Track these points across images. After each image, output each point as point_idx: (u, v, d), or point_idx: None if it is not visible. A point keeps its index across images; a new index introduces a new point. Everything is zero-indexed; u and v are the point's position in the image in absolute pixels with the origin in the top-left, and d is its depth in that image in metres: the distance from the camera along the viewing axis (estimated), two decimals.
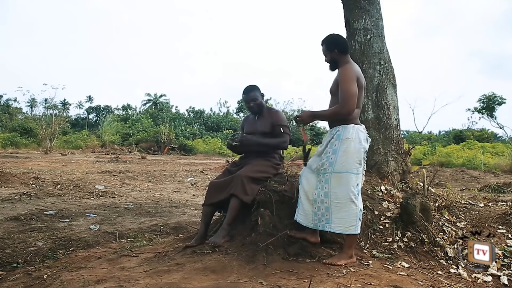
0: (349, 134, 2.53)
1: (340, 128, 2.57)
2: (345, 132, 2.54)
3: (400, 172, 3.77)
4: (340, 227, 2.48)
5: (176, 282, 2.19)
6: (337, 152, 2.52)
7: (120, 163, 15.72)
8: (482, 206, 3.67)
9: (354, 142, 2.52)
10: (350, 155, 2.50)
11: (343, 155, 2.50)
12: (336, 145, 2.54)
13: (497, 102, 26.09)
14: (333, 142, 2.57)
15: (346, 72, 2.57)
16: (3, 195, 6.34)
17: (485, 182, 10.64)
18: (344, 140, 2.52)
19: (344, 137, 2.53)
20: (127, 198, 7.14)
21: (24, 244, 3.69)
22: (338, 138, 2.55)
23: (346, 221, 2.46)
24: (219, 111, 49.52)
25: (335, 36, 2.72)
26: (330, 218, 2.50)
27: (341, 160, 2.49)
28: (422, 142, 28.88)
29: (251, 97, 3.19)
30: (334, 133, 2.59)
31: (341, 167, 2.49)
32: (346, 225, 2.46)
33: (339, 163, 2.49)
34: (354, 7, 3.99)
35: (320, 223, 2.56)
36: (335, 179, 2.50)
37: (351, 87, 2.52)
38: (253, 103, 3.19)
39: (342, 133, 2.54)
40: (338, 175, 2.49)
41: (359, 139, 2.55)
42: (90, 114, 57.06)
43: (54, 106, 29.62)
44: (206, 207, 3.05)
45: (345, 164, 2.49)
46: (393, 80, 3.96)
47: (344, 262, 2.42)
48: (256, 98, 3.19)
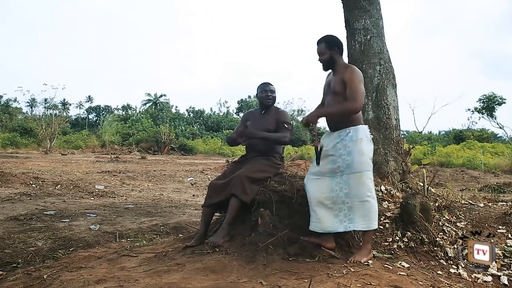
0: (360, 134, 2.59)
1: (351, 129, 2.61)
2: (356, 133, 2.59)
3: (400, 172, 3.78)
4: (364, 224, 2.54)
5: (176, 282, 2.19)
6: (352, 153, 2.56)
7: (120, 163, 15.72)
8: (482, 206, 3.67)
9: (364, 141, 2.59)
10: (365, 154, 2.57)
11: (359, 155, 2.55)
12: (350, 146, 2.58)
13: (497, 102, 26.09)
14: (346, 144, 2.60)
15: (356, 74, 2.63)
16: (3, 195, 6.34)
17: (485, 182, 10.64)
18: (357, 140, 2.58)
19: (356, 138, 2.58)
20: (127, 198, 7.14)
21: (24, 244, 3.69)
22: (351, 140, 2.59)
23: (369, 217, 2.53)
24: (219, 111, 49.53)
25: (334, 36, 2.78)
26: (354, 217, 2.56)
27: (358, 160, 2.55)
28: (422, 142, 28.89)
29: (270, 88, 3.29)
30: (344, 135, 2.62)
31: (359, 166, 2.54)
32: (369, 221, 2.53)
33: (357, 163, 2.54)
34: (354, 7, 3.99)
35: (342, 224, 2.59)
36: (355, 179, 2.55)
37: (361, 86, 2.60)
38: (271, 94, 3.28)
39: (353, 135, 2.59)
40: (357, 175, 2.55)
41: (367, 138, 2.62)
42: (90, 114, 57.09)
43: (54, 106, 29.66)
44: (206, 207, 3.05)
45: (362, 163, 2.55)
46: (393, 80, 3.96)
47: (366, 258, 2.48)
48: (274, 91, 3.31)
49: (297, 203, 2.87)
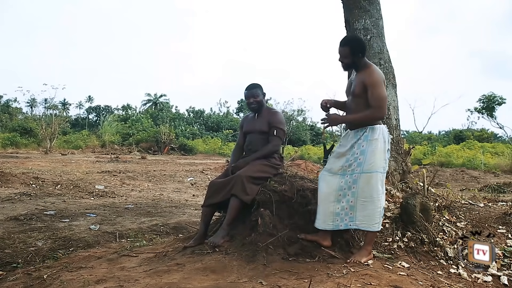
0: (376, 135, 2.58)
1: (367, 129, 2.60)
2: (373, 133, 2.58)
3: (400, 172, 3.78)
4: (364, 224, 2.53)
5: (176, 282, 2.19)
6: (365, 152, 2.56)
7: (120, 163, 15.71)
8: (482, 206, 3.67)
9: (380, 142, 2.57)
10: (378, 155, 2.55)
11: (372, 156, 2.54)
12: (364, 146, 2.57)
13: (497, 102, 26.06)
14: (360, 143, 2.60)
15: (376, 76, 2.59)
16: (3, 195, 6.33)
17: (485, 182, 10.64)
18: (371, 140, 2.56)
19: (371, 138, 2.57)
20: (127, 198, 7.14)
21: (24, 244, 3.69)
22: (366, 139, 2.58)
23: (370, 218, 2.51)
24: (219, 111, 49.48)
25: (359, 40, 2.77)
26: (355, 216, 2.55)
27: (370, 160, 2.54)
28: (422, 142, 28.88)
29: (252, 93, 3.20)
30: (361, 134, 2.61)
31: (370, 167, 2.53)
32: (370, 222, 2.52)
33: (368, 163, 2.53)
34: (354, 7, 3.99)
35: (342, 222, 2.59)
36: (364, 179, 2.53)
37: (383, 90, 2.58)
38: (253, 99, 3.19)
39: (369, 134, 2.58)
40: (367, 175, 2.53)
41: (384, 139, 2.60)
42: (90, 114, 57.05)
43: (54, 106, 29.60)
44: (205, 207, 3.05)
45: (373, 164, 2.53)
46: (393, 80, 3.96)
47: (365, 259, 2.48)
48: (257, 95, 3.20)
49: (297, 203, 2.87)
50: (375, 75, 2.59)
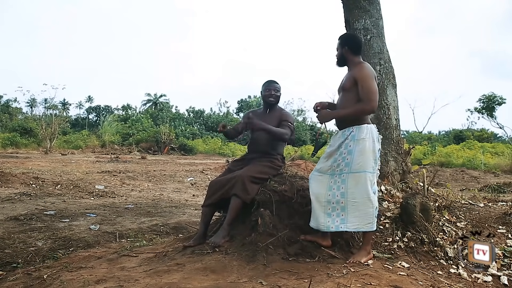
0: (363, 134, 2.55)
1: (354, 128, 2.58)
2: (359, 132, 2.56)
3: (400, 172, 3.78)
4: (356, 225, 2.51)
5: (176, 282, 2.19)
6: (352, 152, 2.54)
7: (120, 163, 15.72)
8: (482, 206, 3.67)
9: (368, 141, 2.55)
10: (366, 155, 2.52)
11: (359, 155, 2.52)
12: (351, 145, 2.56)
13: (497, 102, 26.08)
14: (347, 143, 2.58)
15: (366, 71, 2.60)
16: (3, 195, 6.34)
17: (485, 182, 10.64)
18: (359, 140, 2.54)
19: (358, 137, 2.55)
20: (127, 198, 7.14)
21: (24, 244, 3.69)
22: (353, 139, 2.56)
23: (362, 219, 2.49)
24: (219, 111, 49.44)
25: (351, 35, 2.84)
26: (346, 218, 2.53)
27: (358, 160, 2.51)
28: (422, 142, 28.86)
29: (274, 86, 3.28)
30: (348, 134, 2.60)
31: (358, 167, 2.51)
32: (363, 222, 2.49)
33: (356, 163, 2.51)
34: (354, 7, 3.99)
35: (333, 224, 2.56)
36: (352, 179, 2.52)
37: (373, 84, 2.57)
38: (274, 92, 3.27)
39: (356, 134, 2.56)
40: (355, 175, 2.51)
41: (372, 138, 2.57)
42: (90, 114, 57.03)
43: (54, 106, 29.61)
44: (205, 207, 3.05)
45: (362, 163, 2.51)
46: (393, 80, 3.96)
47: (365, 259, 2.47)
48: (278, 90, 3.30)
49: (297, 203, 2.87)
50: (365, 70, 2.60)
